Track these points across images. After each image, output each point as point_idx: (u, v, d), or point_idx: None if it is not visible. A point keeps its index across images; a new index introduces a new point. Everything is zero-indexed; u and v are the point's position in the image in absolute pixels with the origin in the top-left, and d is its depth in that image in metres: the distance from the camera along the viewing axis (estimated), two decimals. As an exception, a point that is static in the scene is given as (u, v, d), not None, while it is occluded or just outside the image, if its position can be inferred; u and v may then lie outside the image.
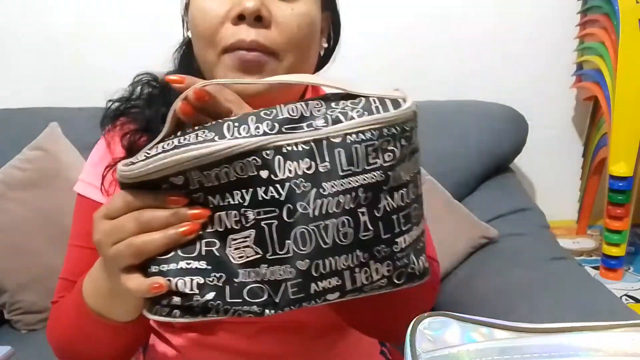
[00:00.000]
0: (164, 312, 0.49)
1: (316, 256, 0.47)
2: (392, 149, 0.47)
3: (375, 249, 0.48)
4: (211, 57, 0.62)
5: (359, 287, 0.49)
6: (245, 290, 0.48)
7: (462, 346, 0.36)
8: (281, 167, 0.46)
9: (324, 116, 0.48)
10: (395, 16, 1.69)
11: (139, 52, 1.40)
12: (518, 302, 1.01)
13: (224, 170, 0.46)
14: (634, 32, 1.53)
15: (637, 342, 0.33)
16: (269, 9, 0.60)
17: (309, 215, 0.46)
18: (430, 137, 1.38)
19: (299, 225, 0.46)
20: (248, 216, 0.47)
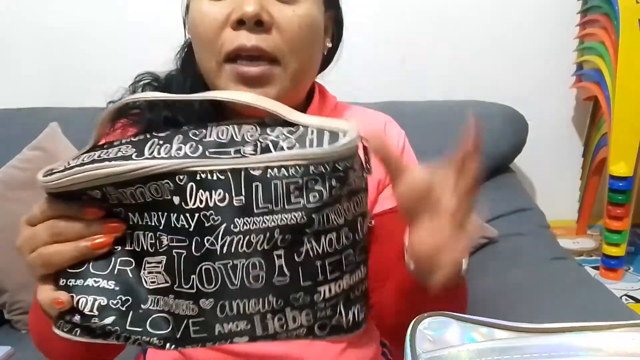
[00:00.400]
0: (65, 327, 0.47)
1: (221, 296, 0.44)
2: (319, 189, 0.43)
3: (291, 296, 0.44)
4: (212, 65, 0.61)
5: (272, 334, 0.45)
6: (149, 319, 0.46)
7: (462, 346, 0.36)
8: (192, 195, 0.42)
9: (254, 142, 0.44)
10: (396, 16, 1.69)
11: (140, 52, 1.40)
12: (518, 302, 1.01)
13: (139, 190, 0.43)
14: (634, 32, 1.53)
15: (637, 342, 0.33)
16: (270, 12, 0.59)
17: (216, 252, 0.43)
18: (430, 137, 1.38)
19: (206, 261, 0.43)
20: (162, 240, 0.44)
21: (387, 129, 0.76)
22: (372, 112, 0.79)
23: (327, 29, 0.69)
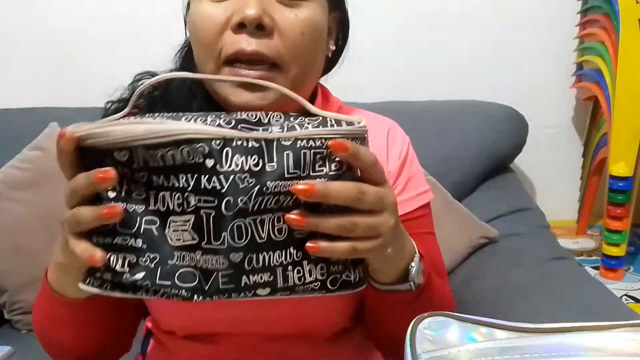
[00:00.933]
0: (95, 283, 0.50)
1: (250, 250, 0.47)
2: (339, 160, 0.48)
3: None
4: (211, 68, 0.60)
5: (291, 286, 0.50)
6: (177, 273, 0.49)
7: (462, 346, 0.36)
8: (228, 159, 0.46)
9: (280, 125, 0.48)
10: (396, 16, 1.69)
11: (139, 51, 1.40)
12: (518, 302, 1.01)
13: (170, 153, 0.45)
14: (634, 32, 1.53)
15: (637, 342, 0.33)
16: (272, 16, 0.58)
17: (248, 210, 0.46)
18: (430, 137, 1.39)
19: (237, 218, 0.46)
20: (190, 201, 0.47)
21: (391, 134, 0.74)
22: (376, 116, 0.77)
23: (332, 31, 0.68)
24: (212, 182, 0.46)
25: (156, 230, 0.48)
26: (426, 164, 0.79)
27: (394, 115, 0.80)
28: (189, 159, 0.46)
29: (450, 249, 1.22)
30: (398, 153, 0.73)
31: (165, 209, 0.48)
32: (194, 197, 0.46)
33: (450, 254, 1.23)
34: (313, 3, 0.61)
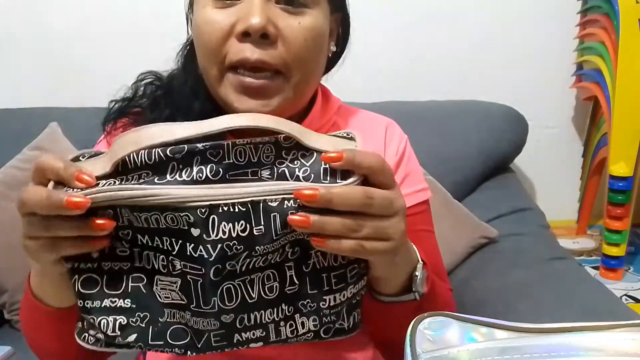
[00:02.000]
0: (91, 340, 0.50)
1: (241, 310, 0.47)
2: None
3: (300, 303, 0.49)
4: (215, 73, 0.61)
5: (283, 339, 0.50)
6: (169, 331, 0.49)
7: (462, 346, 0.36)
8: (214, 227, 0.44)
9: (270, 167, 0.46)
10: (395, 16, 1.69)
11: (140, 51, 1.40)
12: (518, 302, 1.01)
13: (154, 217, 0.44)
14: (634, 32, 1.53)
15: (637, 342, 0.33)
16: (275, 24, 0.58)
17: (236, 272, 0.46)
18: (430, 137, 1.38)
19: (226, 281, 0.46)
20: (175, 264, 0.46)
21: (389, 132, 0.75)
22: (374, 115, 0.78)
23: (332, 32, 0.68)
24: (199, 250, 0.44)
25: (144, 287, 0.48)
26: (426, 164, 0.80)
27: (394, 115, 0.81)
28: (173, 225, 0.44)
29: (450, 249, 1.22)
30: (395, 150, 0.74)
31: (151, 268, 0.47)
32: (179, 261, 0.45)
33: (450, 254, 1.23)
34: (316, 10, 0.61)
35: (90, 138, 0.78)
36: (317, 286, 0.48)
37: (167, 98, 0.67)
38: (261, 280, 0.47)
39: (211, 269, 0.45)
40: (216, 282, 0.45)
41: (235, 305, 0.47)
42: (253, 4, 0.57)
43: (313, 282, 0.48)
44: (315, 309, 0.49)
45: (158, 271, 0.47)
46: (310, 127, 0.68)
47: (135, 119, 0.68)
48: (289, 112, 0.64)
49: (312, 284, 0.48)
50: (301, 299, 0.49)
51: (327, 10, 0.64)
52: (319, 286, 0.48)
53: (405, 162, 0.74)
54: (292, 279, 0.48)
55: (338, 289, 0.49)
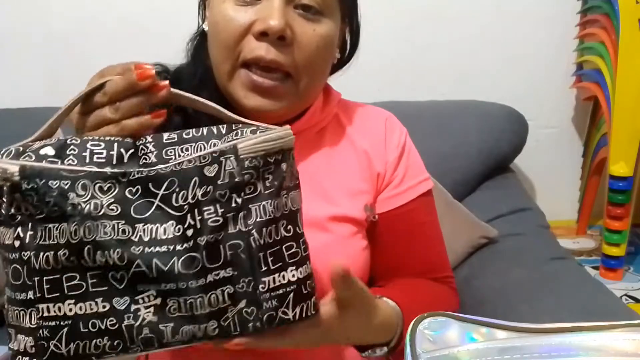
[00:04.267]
0: None
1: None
2: (254, 182, 0.47)
3: (237, 286, 0.47)
4: (227, 68, 0.63)
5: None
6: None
7: (462, 346, 0.36)
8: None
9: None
10: (396, 16, 1.69)
11: (140, 51, 1.39)
12: (518, 302, 1.01)
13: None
14: (634, 32, 1.52)
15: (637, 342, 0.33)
16: (292, 28, 0.61)
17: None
18: (430, 137, 1.38)
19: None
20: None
21: (389, 125, 0.77)
22: (373, 108, 0.80)
23: (339, 39, 0.70)
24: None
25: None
26: (426, 163, 0.80)
27: (394, 115, 0.81)
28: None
29: (450, 249, 1.21)
30: (397, 142, 0.75)
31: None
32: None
33: (450, 254, 1.22)
34: (330, 19, 0.64)
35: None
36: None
37: (174, 88, 0.69)
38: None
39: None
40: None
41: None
42: (274, 6, 0.60)
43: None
44: (253, 294, 0.47)
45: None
46: (311, 120, 0.71)
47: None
48: (293, 113, 0.68)
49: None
50: (237, 284, 0.47)
51: (339, 19, 0.67)
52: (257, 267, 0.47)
53: (406, 155, 0.76)
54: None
55: (276, 268, 0.47)
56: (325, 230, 0.68)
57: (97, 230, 0.44)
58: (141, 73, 0.47)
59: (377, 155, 0.73)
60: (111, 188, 0.45)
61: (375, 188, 0.73)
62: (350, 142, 0.74)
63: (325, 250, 0.67)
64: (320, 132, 0.73)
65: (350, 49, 0.73)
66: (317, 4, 0.62)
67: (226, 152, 0.46)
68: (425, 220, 0.75)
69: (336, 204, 0.70)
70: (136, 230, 0.45)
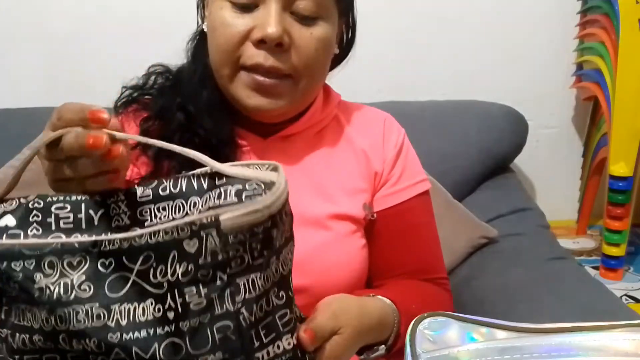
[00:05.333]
0: None
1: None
2: (241, 256, 0.41)
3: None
4: (227, 72, 0.64)
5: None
6: None
7: (462, 346, 0.36)
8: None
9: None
10: (396, 16, 1.69)
11: (139, 51, 1.39)
12: (518, 302, 1.01)
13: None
14: (634, 32, 1.52)
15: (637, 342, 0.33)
16: (290, 33, 0.62)
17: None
18: (430, 137, 1.38)
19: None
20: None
21: (387, 126, 0.78)
22: (372, 109, 0.81)
23: (337, 35, 0.71)
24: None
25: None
26: (426, 163, 0.81)
27: (394, 115, 0.82)
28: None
29: (450, 249, 1.22)
30: (394, 142, 0.76)
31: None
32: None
33: (450, 254, 1.23)
34: (327, 21, 0.65)
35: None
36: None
37: (175, 89, 0.70)
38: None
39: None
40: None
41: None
42: (270, 13, 0.61)
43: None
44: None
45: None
46: (311, 120, 0.71)
47: (144, 107, 0.71)
48: (293, 112, 0.69)
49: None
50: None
51: (336, 18, 0.67)
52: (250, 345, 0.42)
53: (403, 154, 0.77)
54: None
55: (269, 340, 0.42)
56: (325, 228, 0.69)
57: (69, 318, 0.39)
58: (93, 139, 0.42)
59: (375, 155, 0.74)
60: (81, 262, 0.39)
61: (373, 187, 0.74)
62: (350, 142, 0.75)
63: (325, 248, 0.68)
64: (320, 132, 0.74)
65: (347, 44, 0.74)
66: (313, 8, 0.63)
67: (207, 226, 0.39)
68: (421, 220, 0.76)
69: (335, 202, 0.70)
70: (112, 314, 0.39)
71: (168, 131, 0.66)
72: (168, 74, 0.73)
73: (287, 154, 0.71)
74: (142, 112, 0.70)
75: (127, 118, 0.71)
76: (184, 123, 0.67)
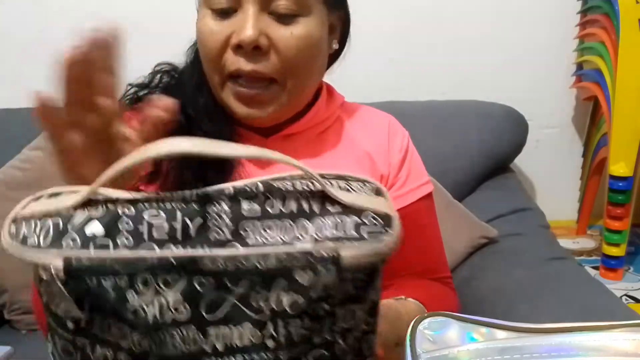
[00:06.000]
0: None
1: None
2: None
3: None
4: (217, 81, 0.65)
5: None
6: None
7: (462, 346, 0.36)
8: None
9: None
10: (395, 15, 1.69)
11: (139, 52, 1.39)
12: (518, 302, 1.01)
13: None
14: (634, 32, 1.52)
15: (637, 342, 0.33)
16: (268, 35, 0.61)
17: None
18: (430, 137, 1.38)
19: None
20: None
21: (391, 127, 0.77)
22: (376, 111, 0.81)
23: (334, 29, 0.70)
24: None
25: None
26: (426, 164, 0.81)
27: (394, 115, 0.81)
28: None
29: (450, 249, 1.21)
30: (399, 146, 0.76)
31: None
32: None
33: (450, 254, 1.22)
34: (310, 17, 0.63)
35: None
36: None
37: (179, 88, 0.70)
38: None
39: None
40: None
41: None
42: (247, 17, 0.60)
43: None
44: None
45: None
46: (313, 120, 0.71)
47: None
48: (286, 115, 0.69)
49: None
50: None
51: (323, 12, 0.66)
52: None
53: (409, 158, 0.77)
54: None
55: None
56: None
57: (164, 344, 0.36)
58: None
59: (381, 157, 0.74)
60: (177, 280, 0.36)
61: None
62: (353, 144, 0.74)
63: None
64: (322, 133, 0.74)
65: (341, 39, 0.73)
66: (292, 6, 0.62)
67: (325, 260, 0.37)
68: (425, 222, 0.76)
69: None
70: (209, 338, 0.37)
71: (169, 132, 0.66)
72: (174, 73, 0.73)
73: (288, 154, 0.70)
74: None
75: (131, 116, 0.71)
76: (184, 125, 0.67)
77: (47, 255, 0.36)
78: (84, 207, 0.38)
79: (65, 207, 0.37)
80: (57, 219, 0.37)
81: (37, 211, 0.38)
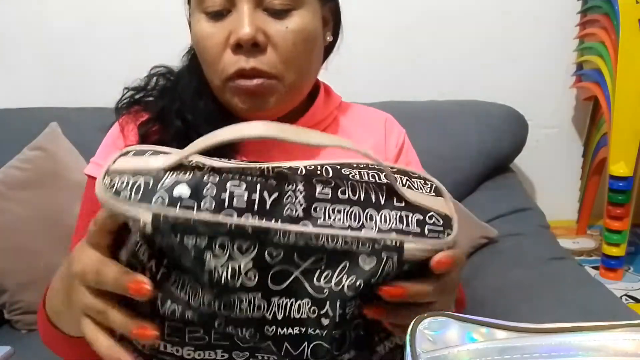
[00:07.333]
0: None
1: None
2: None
3: None
4: (217, 83, 0.65)
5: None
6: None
7: (462, 346, 0.36)
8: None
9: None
10: (395, 15, 1.69)
11: (139, 52, 1.40)
12: (518, 302, 1.01)
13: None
14: (634, 32, 1.52)
15: (637, 342, 0.33)
16: (265, 31, 0.61)
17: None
18: (430, 137, 1.38)
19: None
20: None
21: (388, 126, 0.78)
22: (373, 110, 0.81)
23: (327, 22, 0.70)
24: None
25: None
26: (426, 163, 0.81)
27: (394, 115, 0.82)
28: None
29: (450, 249, 1.22)
30: (395, 142, 0.77)
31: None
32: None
33: (450, 254, 1.23)
34: (303, 9, 0.63)
35: (90, 138, 0.79)
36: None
37: (175, 92, 0.70)
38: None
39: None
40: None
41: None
42: (242, 15, 0.60)
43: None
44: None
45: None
46: (312, 119, 0.71)
47: (146, 108, 0.71)
48: (286, 109, 0.68)
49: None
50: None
51: (315, 5, 0.66)
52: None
53: (404, 154, 0.77)
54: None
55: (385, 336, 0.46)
56: None
57: (232, 306, 0.39)
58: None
59: (378, 155, 0.74)
60: (250, 247, 0.38)
61: None
62: None
63: None
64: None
65: (334, 31, 0.73)
66: (284, 0, 0.62)
67: (390, 249, 0.39)
68: None
69: None
70: (271, 306, 0.40)
71: (167, 136, 0.66)
72: (170, 75, 0.73)
73: (287, 153, 0.71)
74: (144, 114, 0.70)
75: (128, 120, 0.71)
76: (182, 130, 0.67)
77: (137, 209, 0.38)
78: (174, 170, 0.40)
79: (156, 168, 0.40)
80: (148, 178, 0.39)
81: (128, 167, 0.40)
